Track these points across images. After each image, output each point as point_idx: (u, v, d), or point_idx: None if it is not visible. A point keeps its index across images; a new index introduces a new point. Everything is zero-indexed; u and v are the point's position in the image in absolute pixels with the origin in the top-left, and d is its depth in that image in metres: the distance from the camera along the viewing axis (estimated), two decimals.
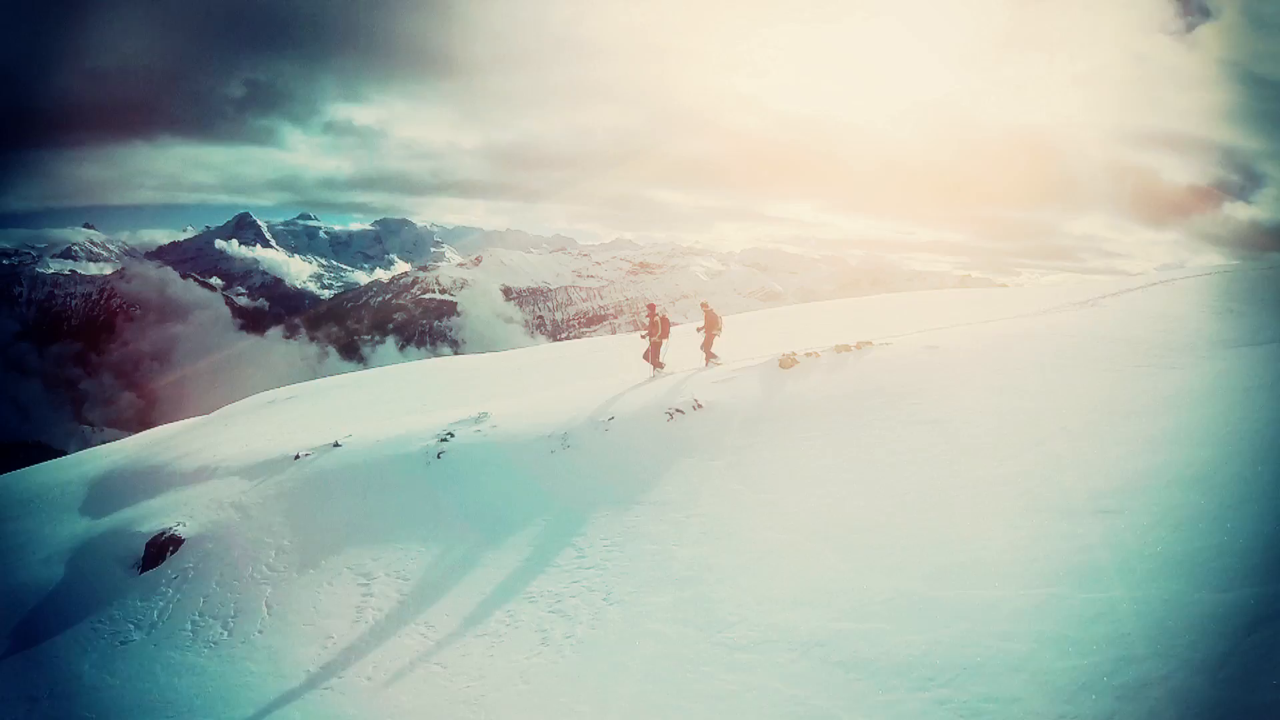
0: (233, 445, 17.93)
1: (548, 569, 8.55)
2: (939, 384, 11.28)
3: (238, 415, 23.38)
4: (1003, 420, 9.57)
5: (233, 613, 10.26)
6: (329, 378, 30.30)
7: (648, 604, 7.38)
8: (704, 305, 15.96)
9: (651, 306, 15.99)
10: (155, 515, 13.84)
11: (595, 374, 18.33)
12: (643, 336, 16.07)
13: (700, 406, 11.57)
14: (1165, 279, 20.43)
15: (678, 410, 11.56)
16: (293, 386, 27.86)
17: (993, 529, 7.00)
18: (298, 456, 14.59)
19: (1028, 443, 8.81)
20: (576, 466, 10.80)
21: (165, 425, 26.23)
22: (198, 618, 10.42)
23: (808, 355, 13.11)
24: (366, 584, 9.71)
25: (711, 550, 7.92)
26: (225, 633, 9.88)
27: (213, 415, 24.45)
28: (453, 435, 12.97)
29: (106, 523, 14.66)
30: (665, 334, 15.53)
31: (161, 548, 12.40)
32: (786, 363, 12.87)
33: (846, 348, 13.24)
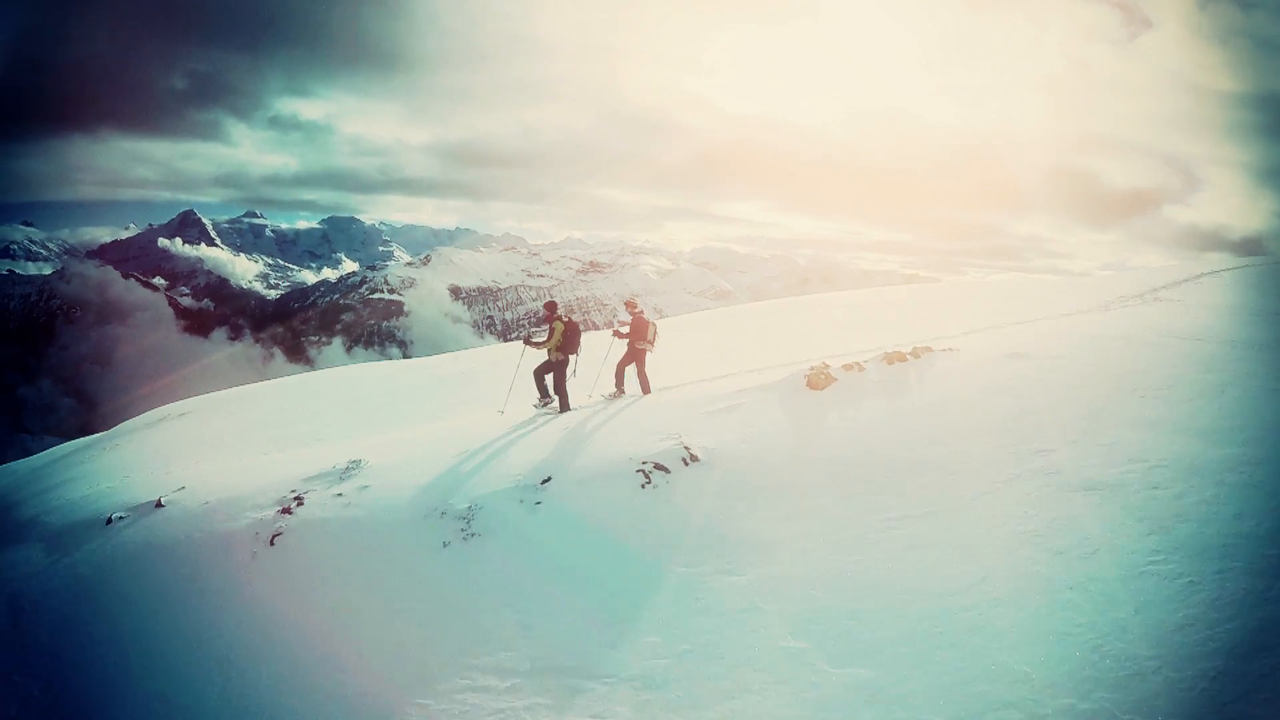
0: (80, 484, 13.63)
1: None
2: (1077, 417, 6.98)
3: (123, 437, 19.76)
4: (1257, 488, 5.29)
5: None
6: (232, 389, 26.86)
7: None
8: (629, 305, 11.21)
9: (551, 306, 10.79)
10: None
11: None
12: (528, 340, 10.85)
13: (695, 459, 6.88)
14: (1209, 271, 17.81)
15: (657, 466, 6.83)
16: (187, 401, 24.34)
17: None
18: (110, 520, 9.88)
19: None
20: (482, 582, 5.90)
21: (59, 445, 22.29)
22: None
23: (846, 368, 8.69)
24: None
25: None
26: None
27: (106, 434, 20.88)
28: (302, 501, 8.19)
29: None
30: (574, 347, 10.45)
31: None
32: (818, 381, 8.40)
33: (901, 356, 8.89)
